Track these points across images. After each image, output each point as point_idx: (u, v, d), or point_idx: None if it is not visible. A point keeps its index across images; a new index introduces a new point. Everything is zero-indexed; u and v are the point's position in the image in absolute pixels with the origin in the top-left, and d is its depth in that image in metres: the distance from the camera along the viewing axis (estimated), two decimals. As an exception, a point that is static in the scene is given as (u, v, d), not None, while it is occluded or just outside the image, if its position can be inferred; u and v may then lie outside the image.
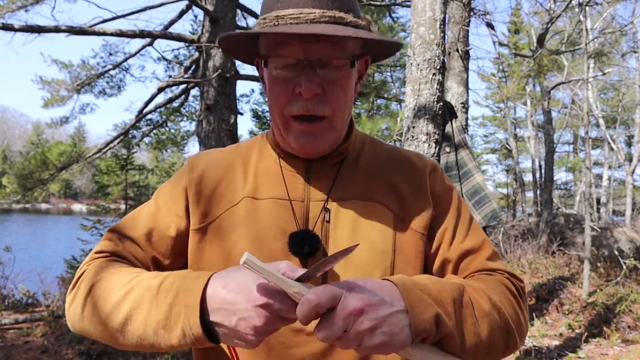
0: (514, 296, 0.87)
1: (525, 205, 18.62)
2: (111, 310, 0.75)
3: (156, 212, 0.94)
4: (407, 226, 0.91)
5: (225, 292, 0.68)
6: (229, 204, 0.92)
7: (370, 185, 0.93)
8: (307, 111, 0.84)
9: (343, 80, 0.85)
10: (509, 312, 0.82)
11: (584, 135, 9.21)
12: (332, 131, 0.88)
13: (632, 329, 5.21)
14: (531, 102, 18.12)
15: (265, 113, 14.86)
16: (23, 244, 13.97)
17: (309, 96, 0.82)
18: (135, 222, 0.93)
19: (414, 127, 2.97)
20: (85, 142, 25.13)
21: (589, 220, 6.57)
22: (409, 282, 0.73)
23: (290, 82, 0.84)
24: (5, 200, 9.93)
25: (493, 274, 0.90)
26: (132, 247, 0.90)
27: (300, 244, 0.86)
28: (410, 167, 0.97)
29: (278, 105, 0.86)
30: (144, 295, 0.74)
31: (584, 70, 7.21)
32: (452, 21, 4.78)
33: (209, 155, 1.00)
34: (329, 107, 0.85)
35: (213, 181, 0.94)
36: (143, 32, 7.68)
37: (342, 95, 0.86)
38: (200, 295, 0.69)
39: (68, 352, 4.47)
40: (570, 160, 24.51)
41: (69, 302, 0.84)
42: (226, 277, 0.71)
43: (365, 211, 0.90)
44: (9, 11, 8.01)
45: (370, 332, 0.66)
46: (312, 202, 0.91)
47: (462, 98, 4.71)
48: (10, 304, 6.44)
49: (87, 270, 0.85)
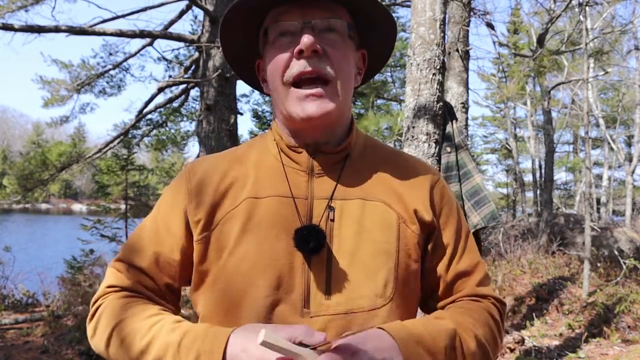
0: (496, 324, 0.93)
1: (525, 205, 18.61)
2: (136, 357, 0.80)
3: (158, 233, 0.93)
4: (409, 228, 0.91)
5: (246, 357, 0.72)
6: (230, 207, 0.90)
7: (374, 185, 0.93)
8: (308, 69, 0.83)
9: (342, 46, 0.86)
10: (490, 345, 0.89)
11: (584, 135, 9.22)
12: (334, 97, 0.86)
13: (632, 329, 5.21)
14: (531, 102, 18.12)
15: (265, 113, 14.86)
16: (23, 244, 13.97)
17: (309, 51, 0.82)
18: (140, 250, 0.93)
19: (414, 127, 2.97)
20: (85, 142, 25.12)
21: (589, 220, 6.57)
22: (406, 336, 0.78)
23: (290, 46, 0.84)
24: (6, 201, 9.93)
25: (481, 301, 0.95)
26: (143, 279, 0.91)
27: (306, 239, 0.84)
28: (414, 175, 0.96)
29: (278, 71, 0.86)
30: (166, 351, 0.77)
31: (584, 70, 7.21)
32: (452, 21, 4.78)
33: (205, 161, 0.98)
34: (330, 67, 0.84)
35: (211, 189, 0.92)
36: (143, 32, 7.69)
37: (344, 61, 0.87)
38: (221, 358, 0.73)
39: (68, 352, 4.47)
40: (570, 160, 24.51)
41: (90, 333, 0.89)
42: (245, 339, 0.74)
43: (370, 210, 0.90)
44: (9, 11, 8.01)
45: None
46: (316, 200, 0.89)
47: (462, 98, 4.71)
48: (10, 304, 6.44)
49: (103, 306, 0.88)
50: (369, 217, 0.89)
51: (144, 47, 9.33)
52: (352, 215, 0.89)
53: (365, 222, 0.89)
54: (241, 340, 0.74)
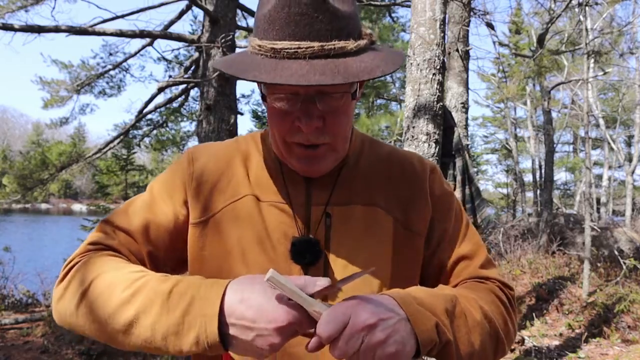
0: (504, 305, 0.89)
1: (525, 205, 18.61)
2: (114, 311, 0.75)
3: (152, 203, 0.92)
4: (406, 229, 0.91)
5: (244, 308, 0.69)
6: (231, 199, 0.90)
7: (370, 189, 0.93)
8: (308, 141, 0.83)
9: (344, 106, 0.83)
10: (499, 322, 0.85)
11: (584, 136, 9.21)
12: (333, 153, 0.87)
13: (632, 329, 5.21)
14: (531, 102, 18.13)
15: (265, 113, 14.85)
16: (23, 244, 13.96)
17: (310, 131, 0.81)
18: (130, 214, 0.91)
19: (414, 127, 2.97)
20: (85, 142, 25.13)
21: (589, 220, 6.57)
22: (405, 295, 0.76)
23: (290, 114, 0.82)
24: (5, 200, 9.93)
25: (485, 283, 0.92)
26: (127, 240, 0.89)
27: (302, 253, 0.85)
28: (411, 169, 0.97)
29: (279, 133, 0.85)
30: (153, 300, 0.73)
31: (584, 70, 7.21)
32: (452, 21, 4.78)
33: (209, 148, 0.98)
34: (330, 136, 0.84)
35: (214, 175, 0.92)
36: (143, 32, 7.68)
37: (344, 120, 0.85)
38: (218, 305, 0.69)
39: (68, 352, 4.47)
40: (570, 160, 24.51)
41: (58, 295, 0.83)
42: (243, 290, 0.71)
43: (366, 216, 0.90)
44: (9, 11, 8.01)
45: (384, 342, 0.68)
46: (313, 207, 0.90)
47: (462, 98, 4.72)
48: (10, 304, 6.44)
49: (80, 263, 0.83)
50: (365, 223, 0.89)
51: (144, 47, 9.33)
52: (349, 221, 0.89)
53: (361, 228, 0.89)
54: (240, 290, 0.71)
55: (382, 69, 0.78)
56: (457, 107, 4.66)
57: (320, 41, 0.76)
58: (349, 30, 0.79)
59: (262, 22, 0.79)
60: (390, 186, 0.94)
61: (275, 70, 0.75)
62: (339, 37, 0.77)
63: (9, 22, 7.21)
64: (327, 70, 0.74)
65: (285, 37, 0.76)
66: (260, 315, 0.68)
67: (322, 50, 0.76)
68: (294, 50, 0.76)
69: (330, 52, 0.76)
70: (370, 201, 0.91)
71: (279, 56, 0.77)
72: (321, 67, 0.75)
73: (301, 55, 0.76)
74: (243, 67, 0.80)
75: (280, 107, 0.82)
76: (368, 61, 0.78)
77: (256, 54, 0.80)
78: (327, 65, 0.75)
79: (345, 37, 0.78)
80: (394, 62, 0.81)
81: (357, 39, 0.80)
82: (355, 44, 0.79)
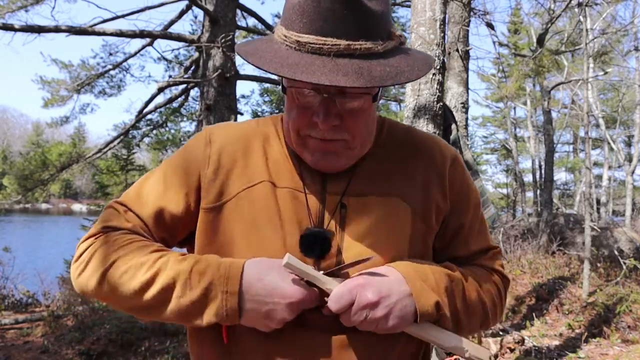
0: (499, 292, 0.97)
1: (525, 205, 18.60)
2: (138, 290, 0.80)
3: (164, 188, 0.91)
4: (423, 219, 0.91)
5: (261, 285, 0.78)
6: (247, 184, 0.88)
7: (388, 177, 0.91)
8: (324, 138, 0.82)
9: (364, 107, 0.82)
10: (489, 308, 0.93)
11: (584, 136, 9.21)
12: (348, 151, 0.86)
13: (632, 329, 5.21)
14: (531, 102, 18.13)
15: (265, 114, 14.87)
16: (23, 244, 13.96)
17: (327, 128, 0.81)
18: (142, 199, 0.91)
19: (413, 127, 2.98)
20: (86, 142, 25.10)
21: (589, 220, 6.57)
22: (412, 271, 0.84)
23: (308, 109, 0.81)
24: (6, 201, 9.93)
25: (487, 271, 0.98)
26: (140, 225, 0.89)
27: (311, 247, 0.84)
28: (430, 155, 0.94)
29: (295, 126, 0.84)
30: (176, 279, 0.79)
31: (584, 70, 7.21)
32: (452, 21, 4.78)
33: (227, 128, 0.95)
34: (347, 133, 0.83)
35: (232, 158, 0.90)
36: (143, 32, 7.69)
37: (363, 121, 0.84)
38: (239, 283, 0.78)
39: (68, 352, 4.47)
40: (570, 161, 24.50)
41: (77, 272, 0.86)
42: (260, 269, 0.79)
43: (383, 208, 0.88)
44: (9, 11, 8.02)
45: (385, 318, 0.79)
46: (328, 196, 0.88)
47: (462, 98, 4.72)
48: (10, 304, 6.44)
49: (98, 242, 0.85)
50: (382, 214, 0.88)
51: (144, 47, 9.33)
52: (365, 213, 0.88)
53: (377, 220, 0.87)
54: (257, 270, 0.79)
55: (408, 75, 0.77)
56: (457, 107, 4.66)
57: (347, 39, 0.74)
58: (378, 31, 0.77)
59: (291, 12, 0.78)
60: (408, 171, 0.92)
61: (298, 65, 0.74)
62: (367, 38, 0.75)
63: (9, 22, 7.21)
64: (351, 71, 0.73)
65: (312, 32, 0.75)
66: (275, 291, 0.77)
67: (348, 49, 0.75)
68: (319, 46, 0.75)
69: (356, 52, 0.75)
70: (388, 192, 0.90)
71: (304, 50, 0.76)
72: (344, 67, 0.73)
73: (326, 52, 0.75)
74: (265, 57, 0.78)
75: (299, 101, 0.81)
76: (394, 65, 0.77)
77: (281, 43, 0.79)
78: (352, 66, 0.74)
79: (374, 37, 0.76)
80: (420, 68, 0.80)
81: (386, 40, 0.79)
82: (383, 45, 0.77)
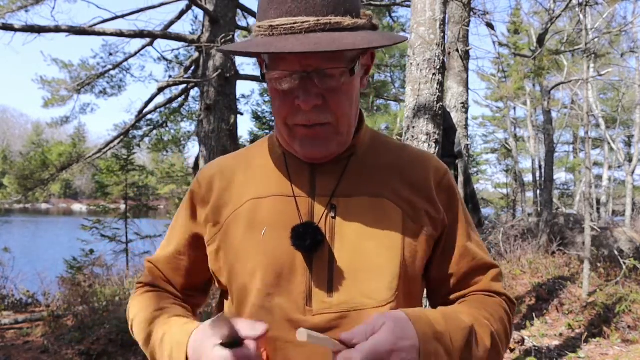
0: (509, 320, 0.95)
1: (525, 205, 18.59)
2: (142, 345, 0.96)
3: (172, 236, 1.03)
4: (416, 224, 0.90)
5: None
6: (234, 208, 0.92)
7: (378, 182, 0.92)
8: (309, 121, 0.83)
9: (344, 86, 0.83)
10: (502, 341, 0.90)
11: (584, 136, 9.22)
12: (337, 136, 0.86)
13: (632, 329, 5.21)
14: (531, 102, 18.12)
15: (265, 114, 14.88)
16: (23, 244, 13.96)
17: (308, 108, 0.81)
18: (161, 253, 1.04)
19: (413, 127, 2.98)
20: (86, 142, 25.13)
21: (588, 220, 6.57)
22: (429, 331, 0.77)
23: (289, 94, 0.82)
24: (6, 201, 9.94)
25: (495, 297, 0.96)
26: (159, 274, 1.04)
27: (302, 236, 0.84)
28: (421, 169, 0.96)
29: (280, 115, 0.86)
30: (155, 342, 0.91)
31: (584, 70, 7.21)
32: (452, 21, 4.78)
33: (214, 165, 1.02)
34: (331, 115, 0.83)
35: (219, 191, 0.96)
36: (143, 32, 7.69)
37: (345, 100, 0.84)
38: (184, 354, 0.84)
39: (68, 352, 4.47)
40: (570, 161, 24.51)
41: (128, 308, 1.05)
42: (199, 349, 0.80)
43: (374, 207, 0.89)
44: (9, 11, 8.03)
45: None
46: (317, 198, 0.89)
47: (462, 98, 4.72)
48: (10, 304, 6.44)
49: (131, 299, 1.03)
50: (373, 214, 0.88)
51: (144, 47, 9.34)
52: (356, 212, 0.88)
53: (369, 219, 0.88)
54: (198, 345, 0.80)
55: (380, 42, 0.79)
56: (457, 107, 4.66)
57: (316, 16, 0.77)
58: (346, 8, 0.79)
59: (263, 4, 0.81)
60: (399, 183, 0.93)
61: (271, 44, 0.76)
62: (335, 13, 0.78)
63: (9, 22, 7.21)
64: (323, 41, 0.75)
65: (283, 14, 0.78)
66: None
67: (318, 25, 0.76)
68: (290, 26, 0.77)
69: (326, 27, 0.77)
70: (379, 194, 0.90)
71: (277, 32, 0.78)
72: (316, 39, 0.75)
73: (297, 30, 0.76)
74: (239, 46, 0.83)
75: (279, 86, 0.82)
76: (365, 36, 0.79)
77: (256, 35, 0.81)
78: (324, 37, 0.76)
79: (342, 13, 0.79)
80: (392, 38, 0.82)
81: (355, 18, 0.81)
82: (353, 21, 0.79)
